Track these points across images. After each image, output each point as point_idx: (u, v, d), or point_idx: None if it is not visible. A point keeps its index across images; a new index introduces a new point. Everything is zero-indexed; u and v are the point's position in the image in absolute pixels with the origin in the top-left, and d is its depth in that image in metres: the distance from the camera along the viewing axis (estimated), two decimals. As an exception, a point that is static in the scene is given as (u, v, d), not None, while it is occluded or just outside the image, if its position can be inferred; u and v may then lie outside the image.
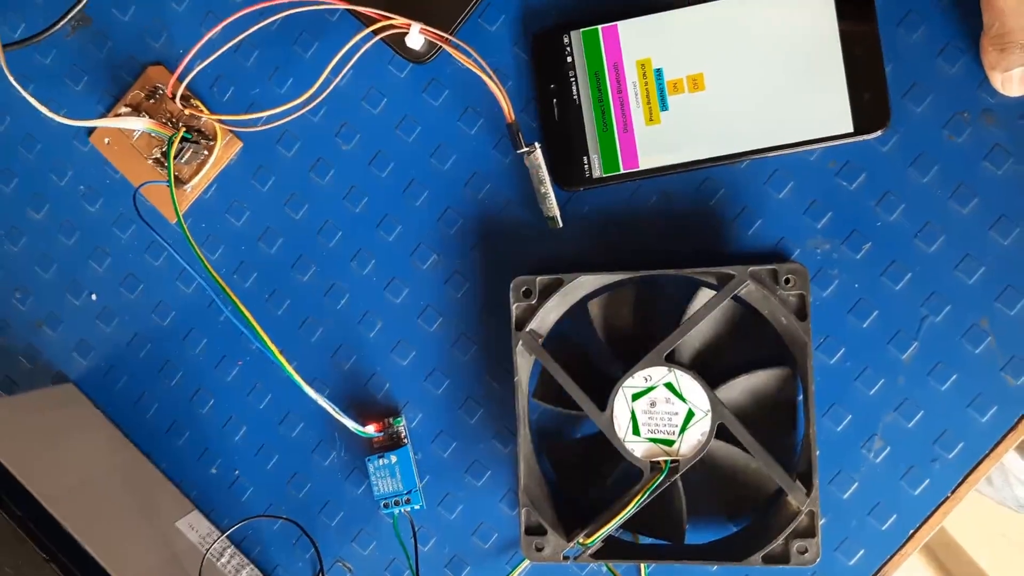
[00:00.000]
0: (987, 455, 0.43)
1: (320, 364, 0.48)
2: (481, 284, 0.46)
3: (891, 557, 0.44)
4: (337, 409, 0.44)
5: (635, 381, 0.41)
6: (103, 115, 0.49)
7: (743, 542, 0.42)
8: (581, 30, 0.44)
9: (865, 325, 0.44)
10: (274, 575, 0.49)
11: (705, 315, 0.41)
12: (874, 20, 0.41)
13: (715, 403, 0.41)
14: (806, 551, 0.41)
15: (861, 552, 0.44)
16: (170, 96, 0.47)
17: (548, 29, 0.44)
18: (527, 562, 0.46)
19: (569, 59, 0.44)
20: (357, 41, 0.43)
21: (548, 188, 0.44)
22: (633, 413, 0.42)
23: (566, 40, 0.44)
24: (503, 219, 0.46)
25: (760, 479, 0.42)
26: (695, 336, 0.42)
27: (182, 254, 0.45)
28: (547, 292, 0.42)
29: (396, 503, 0.47)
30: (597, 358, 0.44)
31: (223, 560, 0.48)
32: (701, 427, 0.41)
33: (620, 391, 0.42)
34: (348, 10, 0.44)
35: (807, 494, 0.40)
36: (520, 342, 0.43)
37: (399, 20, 0.43)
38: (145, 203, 0.49)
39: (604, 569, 0.46)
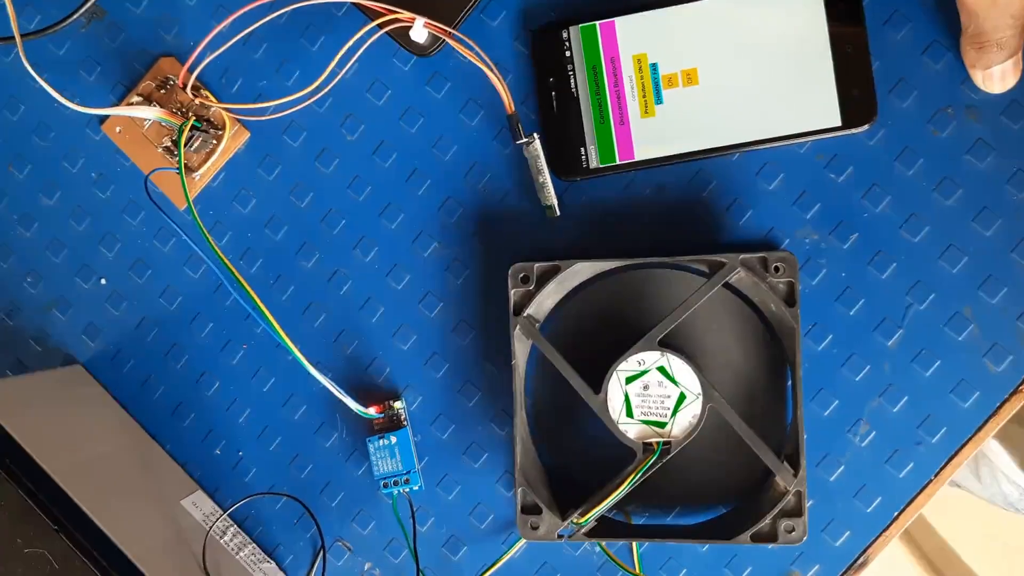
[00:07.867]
0: (969, 439, 0.44)
1: (323, 348, 0.49)
2: (480, 271, 0.48)
3: (876, 539, 0.45)
4: (339, 388, 0.45)
5: (629, 365, 0.43)
6: (115, 104, 0.50)
7: (732, 521, 0.44)
8: (580, 26, 0.45)
9: (852, 313, 0.45)
10: (276, 553, 0.50)
11: (697, 301, 0.42)
12: (862, 19, 0.43)
13: (706, 387, 0.42)
14: (793, 530, 0.42)
15: (847, 533, 0.45)
16: (181, 86, 0.48)
17: (548, 25, 0.46)
18: (523, 541, 0.47)
19: (568, 54, 0.45)
20: (362, 35, 0.45)
21: (546, 178, 0.46)
22: (627, 396, 0.43)
23: (565, 35, 0.45)
24: (502, 208, 0.48)
25: (749, 461, 0.44)
26: (687, 322, 0.43)
27: (191, 240, 0.47)
28: (544, 279, 0.44)
29: (395, 483, 0.48)
30: (592, 343, 0.45)
31: (226, 538, 0.49)
32: (692, 410, 0.42)
33: (614, 374, 0.43)
34: (354, 4, 0.46)
35: (794, 475, 0.41)
36: (518, 327, 0.44)
37: (404, 14, 0.44)
38: (155, 190, 0.50)
39: (597, 548, 0.47)
